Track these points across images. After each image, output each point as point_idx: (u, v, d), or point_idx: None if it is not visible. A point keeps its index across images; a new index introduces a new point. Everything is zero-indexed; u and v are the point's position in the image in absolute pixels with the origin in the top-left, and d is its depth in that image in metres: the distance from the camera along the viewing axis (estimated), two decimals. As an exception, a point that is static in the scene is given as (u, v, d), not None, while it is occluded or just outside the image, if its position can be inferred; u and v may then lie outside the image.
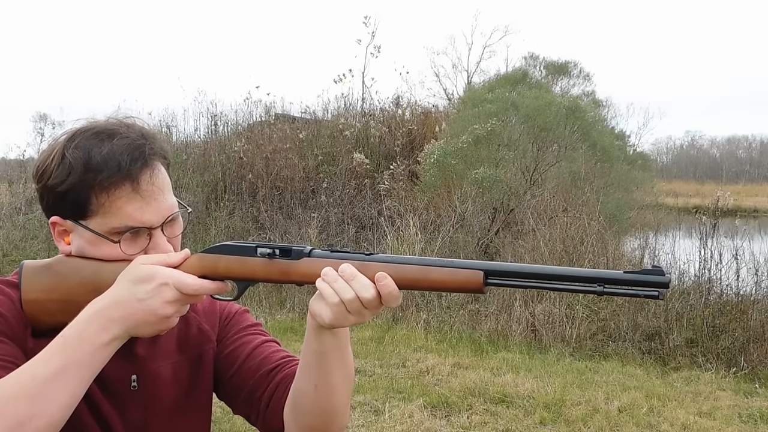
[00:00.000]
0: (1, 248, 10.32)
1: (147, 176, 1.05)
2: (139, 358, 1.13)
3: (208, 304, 1.24)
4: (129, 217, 1.04)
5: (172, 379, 1.15)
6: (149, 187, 1.05)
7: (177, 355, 1.17)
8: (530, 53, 20.91)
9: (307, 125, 12.58)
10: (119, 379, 1.11)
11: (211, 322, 1.23)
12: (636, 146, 23.30)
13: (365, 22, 13.77)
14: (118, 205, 1.03)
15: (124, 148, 1.04)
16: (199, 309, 1.23)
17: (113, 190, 1.02)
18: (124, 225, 1.04)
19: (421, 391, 5.15)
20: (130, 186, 1.03)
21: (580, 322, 6.72)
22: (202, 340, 1.20)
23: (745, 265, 7.11)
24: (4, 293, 1.08)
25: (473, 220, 9.13)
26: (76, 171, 1.03)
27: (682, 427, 4.61)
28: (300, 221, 9.65)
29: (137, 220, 1.04)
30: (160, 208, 1.06)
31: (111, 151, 1.03)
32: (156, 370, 1.14)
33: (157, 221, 1.06)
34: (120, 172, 1.03)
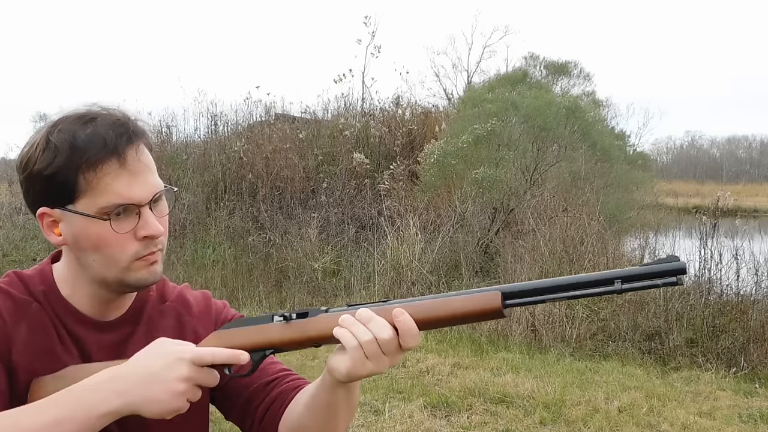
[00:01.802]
0: (1, 248, 10.33)
1: (133, 152, 1.04)
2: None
3: (203, 307, 1.24)
4: (117, 194, 1.02)
5: None
6: (136, 163, 1.04)
7: None
8: (530, 53, 20.93)
9: (307, 125, 12.58)
10: None
11: (206, 326, 1.21)
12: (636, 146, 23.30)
13: (365, 22, 13.78)
14: (106, 182, 1.02)
15: (108, 127, 1.04)
16: (194, 312, 1.22)
17: (100, 166, 1.02)
18: (113, 203, 1.02)
19: (421, 391, 5.15)
20: (117, 162, 1.03)
21: (580, 322, 6.72)
22: (198, 341, 1.19)
23: (745, 265, 7.11)
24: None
25: (473, 220, 9.12)
26: (62, 152, 1.02)
27: (682, 427, 4.61)
28: (300, 221, 9.65)
29: (125, 197, 1.03)
30: (148, 184, 1.06)
31: (96, 130, 1.03)
32: None
33: (145, 197, 1.05)
34: (106, 148, 1.02)
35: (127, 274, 1.06)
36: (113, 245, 1.04)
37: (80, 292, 1.11)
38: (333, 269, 8.91)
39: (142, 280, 1.08)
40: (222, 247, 9.84)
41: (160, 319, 1.19)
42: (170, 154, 12.02)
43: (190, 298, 1.24)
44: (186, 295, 1.24)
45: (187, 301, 1.23)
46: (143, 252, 1.06)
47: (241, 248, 9.80)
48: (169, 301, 1.21)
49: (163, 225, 1.09)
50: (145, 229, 1.05)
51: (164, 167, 11.63)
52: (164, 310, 1.20)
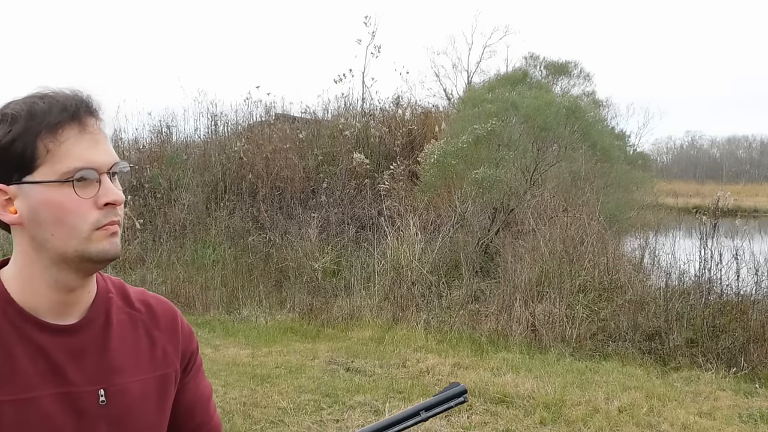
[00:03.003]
0: (1, 248, 10.32)
1: (93, 121, 1.03)
2: (109, 371, 1.07)
3: (170, 324, 1.20)
4: (78, 158, 1.00)
5: (140, 397, 1.10)
6: (95, 130, 1.03)
7: (145, 372, 1.12)
8: (530, 53, 20.89)
9: (307, 125, 12.58)
10: (88, 393, 1.05)
11: (174, 346, 1.19)
12: (636, 146, 23.31)
13: (365, 22, 13.78)
14: (66, 147, 1.00)
15: (66, 96, 1.03)
16: (162, 326, 1.18)
17: (60, 131, 1.00)
18: (74, 167, 0.99)
19: (421, 391, 5.15)
20: (78, 126, 1.01)
21: (580, 322, 6.72)
22: (167, 362, 1.16)
23: (745, 265, 7.11)
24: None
25: (473, 220, 9.12)
26: (20, 120, 1.00)
27: (682, 427, 4.61)
28: (300, 221, 9.65)
29: (86, 160, 1.00)
30: (107, 151, 1.04)
31: (54, 99, 1.02)
32: (125, 385, 1.09)
33: (106, 163, 1.02)
34: (66, 112, 1.00)
35: (88, 246, 1.01)
36: (74, 212, 1.00)
37: (35, 292, 1.04)
38: (333, 269, 8.91)
39: (104, 252, 1.02)
40: (222, 247, 9.84)
41: (133, 329, 1.14)
42: (170, 154, 12.02)
43: (158, 309, 1.19)
44: (151, 304, 1.19)
45: (154, 312, 1.18)
46: (104, 221, 1.02)
47: (241, 248, 9.80)
48: (136, 310, 1.16)
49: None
50: (107, 196, 1.02)
51: (164, 167, 11.64)
52: (134, 318, 1.15)
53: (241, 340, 6.79)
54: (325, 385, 5.34)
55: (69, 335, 1.05)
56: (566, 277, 7.26)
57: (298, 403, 4.94)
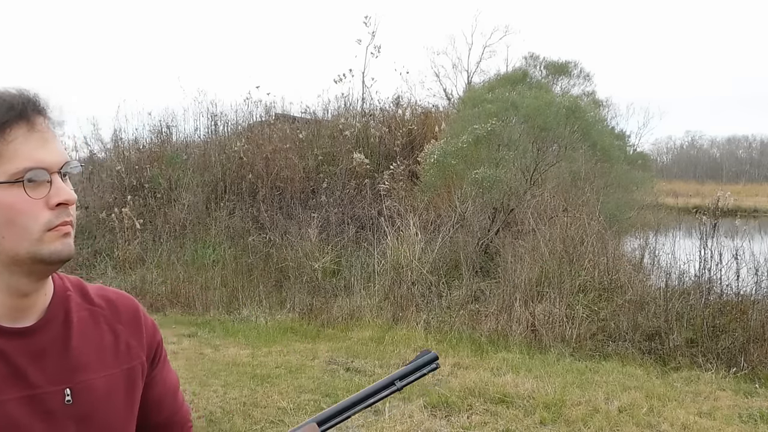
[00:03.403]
0: None
1: (41, 120, 1.01)
2: (72, 369, 1.06)
3: (132, 317, 1.18)
4: (28, 158, 0.98)
5: (106, 393, 1.09)
6: (45, 129, 1.01)
7: (110, 367, 1.11)
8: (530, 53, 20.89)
9: (307, 125, 12.58)
10: (53, 393, 1.03)
11: (138, 339, 1.17)
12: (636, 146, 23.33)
13: (365, 22, 13.80)
14: (15, 147, 0.98)
15: (14, 96, 1.01)
16: (124, 320, 1.17)
17: (8, 130, 0.98)
18: (23, 167, 0.97)
19: (421, 391, 5.15)
20: (26, 126, 0.99)
21: (580, 322, 6.72)
22: (131, 356, 1.15)
23: (745, 265, 7.11)
24: None
25: (473, 220, 9.12)
26: None
27: (682, 427, 4.61)
28: (300, 221, 9.65)
29: (36, 160, 0.98)
30: (57, 151, 1.01)
31: (0, 98, 1.00)
32: (90, 382, 1.07)
33: (56, 163, 1.00)
34: (14, 111, 0.99)
35: (40, 247, 0.99)
36: (25, 213, 0.98)
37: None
38: (333, 269, 8.91)
39: (56, 252, 1.00)
40: (222, 247, 9.84)
41: (95, 325, 1.12)
42: (170, 154, 12.02)
43: (119, 303, 1.18)
44: (112, 298, 1.18)
45: (115, 306, 1.17)
46: (55, 221, 1.00)
47: (241, 248, 9.80)
48: (96, 306, 1.15)
49: (73, 201, 1.04)
50: (59, 196, 0.99)
51: (164, 167, 11.64)
52: (95, 314, 1.14)
53: (241, 340, 6.79)
54: (325, 385, 5.34)
55: (28, 337, 1.03)
56: (566, 277, 7.26)
57: (298, 403, 4.94)
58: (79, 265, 9.94)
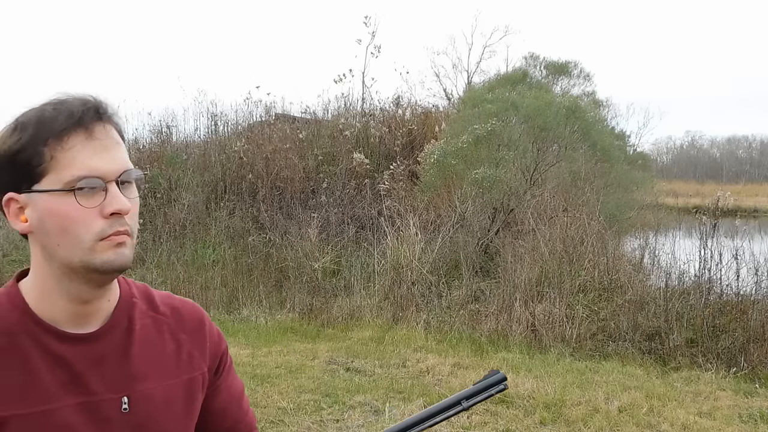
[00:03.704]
0: (1, 248, 10.32)
1: (101, 127, 1.01)
2: (131, 377, 1.05)
3: (196, 327, 1.17)
4: (82, 166, 0.97)
5: (164, 403, 1.08)
6: (104, 137, 1.00)
7: (170, 377, 1.10)
8: (530, 53, 20.91)
9: (307, 125, 12.58)
10: (110, 401, 1.03)
11: (201, 349, 1.16)
12: (636, 146, 23.35)
13: (365, 22, 13.79)
14: (72, 155, 0.98)
15: (76, 102, 1.01)
16: (187, 329, 1.16)
17: (66, 138, 0.98)
18: (77, 175, 0.97)
19: (421, 391, 5.15)
20: (84, 134, 0.99)
21: (580, 322, 6.72)
22: (193, 366, 1.14)
23: (745, 265, 7.11)
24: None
25: (473, 220, 9.12)
26: (28, 128, 0.99)
27: (682, 427, 4.61)
28: (300, 221, 9.65)
29: (90, 168, 0.98)
30: (117, 159, 1.01)
31: (63, 105, 1.00)
32: (148, 391, 1.06)
33: (112, 172, 0.99)
34: (72, 119, 0.99)
35: (92, 256, 0.99)
36: (77, 222, 0.98)
37: (52, 301, 1.03)
38: (333, 269, 8.91)
39: (109, 262, 0.99)
40: (222, 247, 9.84)
41: (158, 334, 1.12)
42: (170, 154, 12.02)
43: (184, 312, 1.17)
44: (177, 307, 1.17)
45: (180, 315, 1.16)
46: (108, 231, 0.99)
47: (241, 248, 9.80)
48: (161, 314, 1.14)
49: (133, 210, 1.02)
50: (112, 205, 0.98)
51: (164, 167, 11.64)
52: (158, 322, 1.13)
53: (241, 340, 6.79)
54: (325, 385, 5.34)
55: (89, 343, 1.04)
56: (566, 277, 7.26)
57: (298, 403, 4.94)
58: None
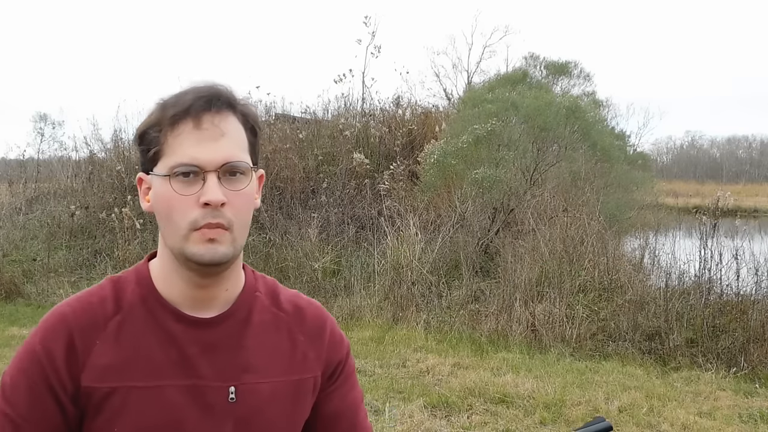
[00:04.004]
0: (1, 248, 10.32)
1: (210, 117, 1.01)
2: (240, 368, 1.06)
3: (316, 329, 1.16)
4: (183, 154, 0.99)
5: (269, 399, 1.08)
6: (211, 127, 1.01)
7: (278, 375, 1.09)
8: (530, 53, 20.88)
9: (307, 125, 12.58)
10: (217, 389, 1.04)
11: (317, 352, 1.14)
12: (636, 146, 23.33)
13: (365, 22, 13.79)
14: (179, 142, 1.00)
15: (195, 92, 1.03)
16: (306, 330, 1.14)
17: (176, 125, 1.00)
18: (178, 162, 0.99)
19: (421, 391, 5.15)
20: (192, 123, 1.00)
21: (580, 322, 6.72)
22: (306, 368, 1.13)
23: (745, 265, 7.11)
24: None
25: (473, 220, 9.12)
26: (154, 112, 1.03)
27: (682, 427, 4.61)
28: (300, 221, 9.65)
29: (190, 157, 0.99)
30: (219, 150, 1.00)
31: (183, 94, 1.03)
32: (255, 385, 1.07)
33: (210, 163, 0.99)
34: (181, 106, 1.01)
35: (186, 245, 1.00)
36: (175, 208, 1.00)
37: (171, 283, 1.06)
38: (333, 269, 8.91)
39: (198, 255, 1.00)
40: (222, 247, 9.83)
41: (275, 330, 1.12)
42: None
43: (307, 312, 1.16)
44: (303, 308, 1.16)
45: (302, 314, 1.15)
46: (201, 221, 0.99)
47: (241, 248, 9.80)
48: (282, 311, 1.14)
49: (236, 203, 1.01)
50: (205, 195, 0.99)
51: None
52: (278, 319, 1.13)
53: (241, 340, 6.79)
54: (325, 385, 5.33)
55: (204, 329, 1.05)
56: (566, 277, 7.26)
57: (298, 403, 4.93)
58: (79, 265, 9.95)
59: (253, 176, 1.05)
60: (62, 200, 11.70)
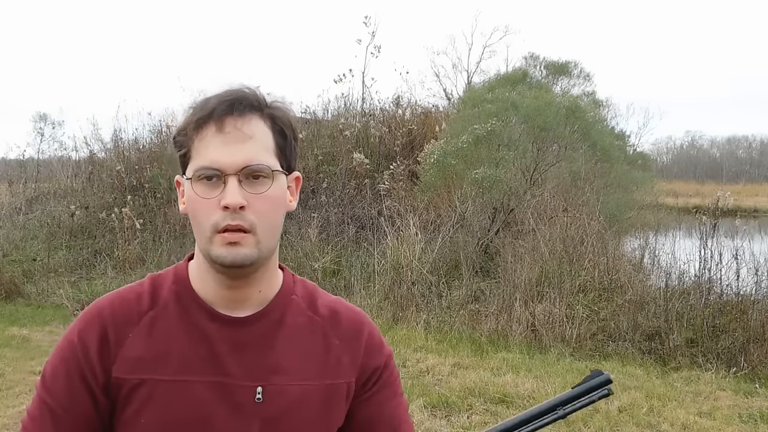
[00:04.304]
0: (1, 248, 10.32)
1: (232, 120, 1.02)
2: (269, 369, 1.06)
3: (352, 333, 1.14)
4: (205, 157, 1.01)
5: (298, 402, 1.07)
6: (233, 130, 1.01)
7: (309, 378, 1.08)
8: (530, 53, 20.85)
9: (307, 125, 12.57)
10: (245, 388, 1.04)
11: (352, 357, 1.12)
12: (636, 146, 23.31)
13: (365, 22, 13.79)
14: (204, 145, 1.02)
15: (221, 95, 1.04)
16: (342, 335, 1.13)
17: (201, 129, 1.02)
18: (200, 165, 1.01)
19: (421, 391, 5.15)
20: (215, 126, 1.02)
21: (580, 322, 6.72)
22: (339, 372, 1.11)
23: (745, 265, 7.11)
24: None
25: (473, 220, 9.12)
26: (184, 116, 1.06)
27: (682, 427, 4.61)
28: (300, 221, 9.65)
29: (211, 160, 1.00)
30: (240, 153, 1.01)
31: (209, 98, 1.04)
32: (284, 387, 1.06)
33: (230, 166, 1.00)
34: (206, 110, 1.02)
35: (210, 248, 1.02)
36: (199, 211, 1.02)
37: (205, 282, 1.07)
38: (333, 269, 8.91)
39: (220, 257, 1.01)
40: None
41: (309, 333, 1.11)
42: (171, 154, 12.01)
43: (343, 317, 1.15)
44: (339, 313, 1.15)
45: (338, 319, 1.14)
46: (221, 223, 1.00)
47: (241, 248, 9.80)
48: (318, 315, 1.13)
49: (258, 206, 1.01)
50: (225, 198, 1.00)
51: (164, 167, 11.64)
52: (313, 322, 1.12)
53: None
54: (325, 385, 5.33)
55: (236, 328, 1.06)
56: (566, 277, 7.26)
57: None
58: (79, 265, 9.95)
59: (283, 180, 1.06)
60: (62, 200, 11.71)
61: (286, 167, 1.06)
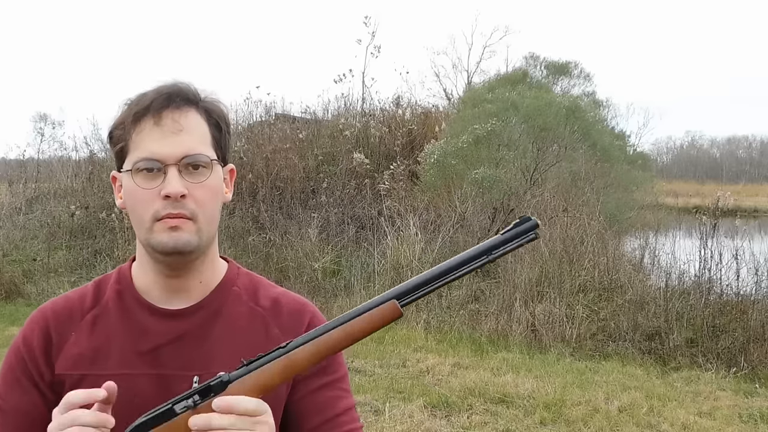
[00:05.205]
0: (1, 248, 10.32)
1: (170, 113, 1.05)
2: (206, 359, 1.07)
3: (293, 322, 1.14)
4: (144, 149, 1.04)
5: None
6: (171, 123, 1.05)
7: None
8: (531, 53, 20.84)
9: (307, 125, 12.58)
10: (181, 378, 1.04)
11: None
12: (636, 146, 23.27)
13: (365, 22, 13.80)
14: (141, 138, 1.04)
15: (156, 90, 1.07)
16: (282, 324, 1.13)
17: (139, 123, 1.04)
18: (140, 157, 1.04)
19: (421, 391, 5.15)
20: (152, 119, 1.04)
21: (580, 322, 6.72)
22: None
23: (745, 265, 7.11)
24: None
25: (473, 220, 9.12)
26: (120, 112, 1.08)
27: (682, 427, 4.61)
28: (300, 221, 9.65)
29: (149, 151, 1.03)
30: (179, 144, 1.04)
31: (146, 93, 1.07)
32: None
33: (170, 156, 1.03)
34: (143, 104, 1.05)
35: (150, 236, 1.05)
36: (139, 202, 1.05)
37: (144, 275, 1.11)
38: (333, 269, 8.91)
39: (162, 243, 1.03)
40: (222, 247, 9.67)
41: (249, 323, 1.12)
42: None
43: (285, 307, 1.16)
44: (281, 303, 1.16)
45: (279, 309, 1.15)
46: (162, 212, 1.03)
47: (241, 248, 9.80)
48: (259, 306, 1.14)
49: (198, 194, 1.04)
50: (165, 188, 1.02)
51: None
52: (254, 312, 1.13)
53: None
54: (325, 385, 5.33)
55: (174, 320, 1.09)
56: (566, 277, 7.26)
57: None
58: (79, 265, 9.95)
59: (219, 170, 1.09)
60: (62, 200, 11.70)
61: (221, 158, 1.10)
